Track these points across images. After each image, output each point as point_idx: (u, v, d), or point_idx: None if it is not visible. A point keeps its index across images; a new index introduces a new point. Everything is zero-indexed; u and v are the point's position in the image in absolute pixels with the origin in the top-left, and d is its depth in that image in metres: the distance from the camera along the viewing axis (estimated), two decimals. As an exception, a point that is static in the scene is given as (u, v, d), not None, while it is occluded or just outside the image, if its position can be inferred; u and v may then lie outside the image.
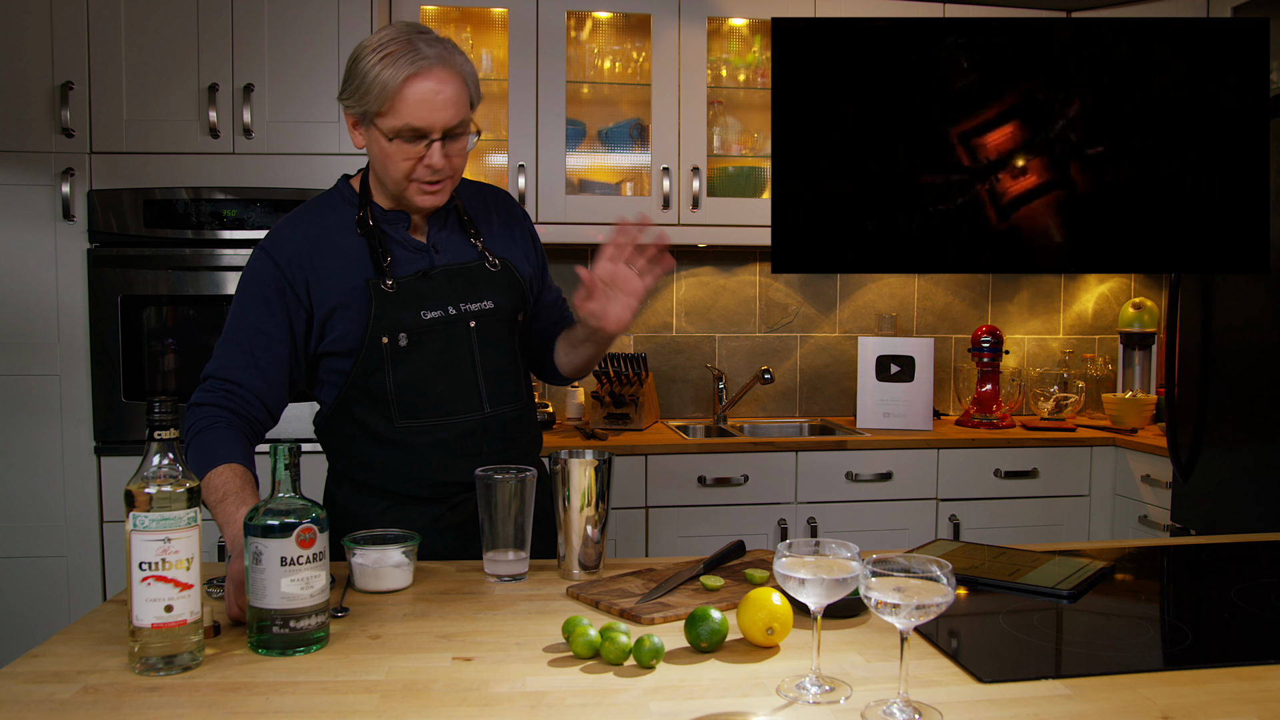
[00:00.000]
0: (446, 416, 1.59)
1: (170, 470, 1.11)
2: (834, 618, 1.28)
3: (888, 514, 3.04)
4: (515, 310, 1.65)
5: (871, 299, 3.63)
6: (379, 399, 1.57)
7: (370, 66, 1.45)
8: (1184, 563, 1.64)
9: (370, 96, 1.45)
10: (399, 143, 1.48)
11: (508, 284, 1.64)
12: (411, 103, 1.44)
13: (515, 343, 1.67)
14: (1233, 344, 2.61)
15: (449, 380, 1.58)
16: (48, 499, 2.73)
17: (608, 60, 3.28)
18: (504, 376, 1.64)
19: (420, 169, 1.50)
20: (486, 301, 1.61)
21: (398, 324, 1.54)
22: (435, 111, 1.45)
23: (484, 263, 1.63)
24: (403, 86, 1.44)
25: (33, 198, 2.69)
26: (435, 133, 1.47)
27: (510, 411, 1.65)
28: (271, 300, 1.53)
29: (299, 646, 1.16)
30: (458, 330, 1.58)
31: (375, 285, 1.54)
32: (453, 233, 1.64)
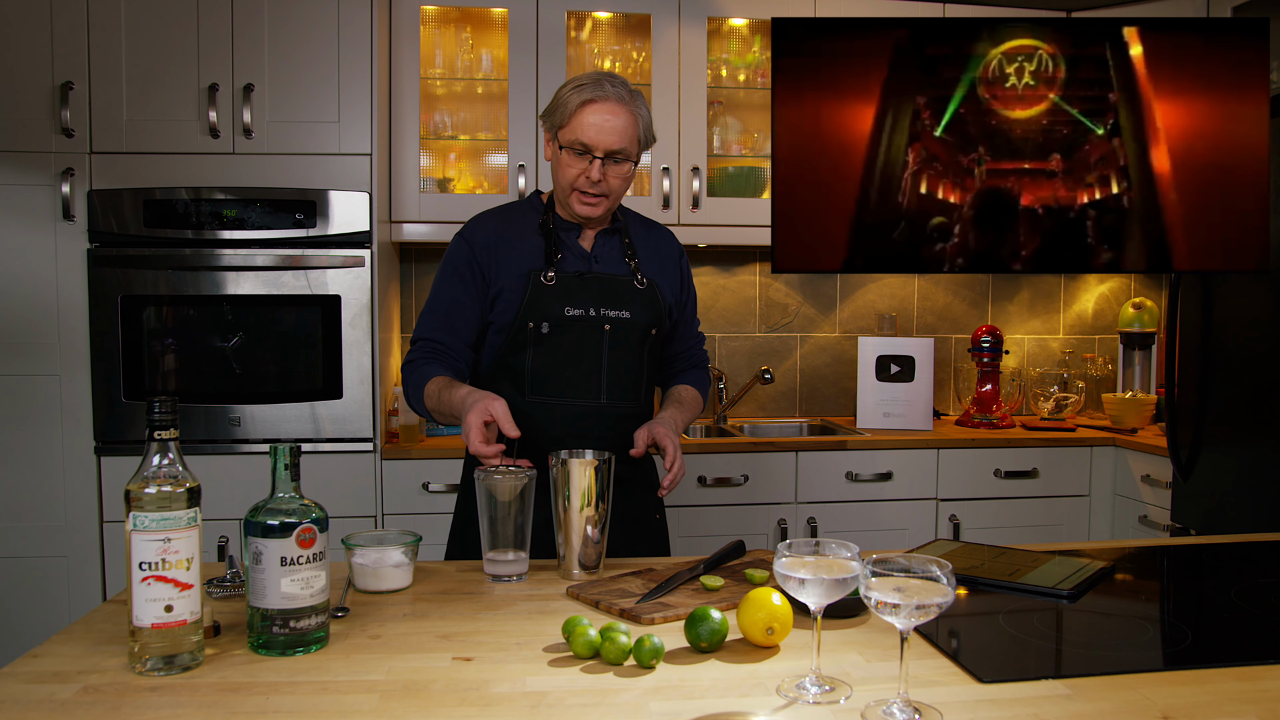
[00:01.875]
0: (567, 399, 1.80)
1: (170, 470, 1.11)
2: (834, 618, 1.28)
3: (888, 514, 3.04)
4: (650, 325, 1.86)
5: (871, 299, 3.63)
6: (517, 373, 1.81)
7: (565, 91, 1.77)
8: (1184, 563, 1.64)
9: (558, 113, 1.77)
10: (569, 153, 1.77)
11: (649, 301, 1.86)
12: (585, 123, 1.74)
13: (645, 352, 1.87)
14: (1233, 344, 2.61)
15: (575, 369, 1.80)
16: (48, 499, 2.73)
17: (608, 60, 3.27)
18: (626, 377, 1.84)
19: (581, 180, 1.77)
20: (625, 311, 1.83)
21: (544, 313, 1.78)
22: (601, 134, 1.74)
23: (633, 280, 1.86)
24: (580, 108, 1.74)
25: (33, 198, 2.69)
26: (598, 151, 1.75)
27: (626, 407, 1.85)
28: (464, 275, 1.83)
29: (299, 646, 1.16)
30: (593, 329, 1.81)
31: (535, 277, 1.79)
32: (613, 250, 1.89)
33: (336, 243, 2.78)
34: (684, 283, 1.98)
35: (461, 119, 3.25)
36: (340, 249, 2.78)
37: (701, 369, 2.06)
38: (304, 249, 2.77)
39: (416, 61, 3.02)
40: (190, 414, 2.75)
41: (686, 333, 2.02)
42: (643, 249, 1.92)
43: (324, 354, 2.79)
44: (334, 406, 2.80)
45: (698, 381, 2.02)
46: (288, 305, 2.78)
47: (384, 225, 2.93)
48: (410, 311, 3.38)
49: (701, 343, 2.08)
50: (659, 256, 1.93)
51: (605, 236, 1.88)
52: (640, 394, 1.88)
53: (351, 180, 2.80)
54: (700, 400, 1.99)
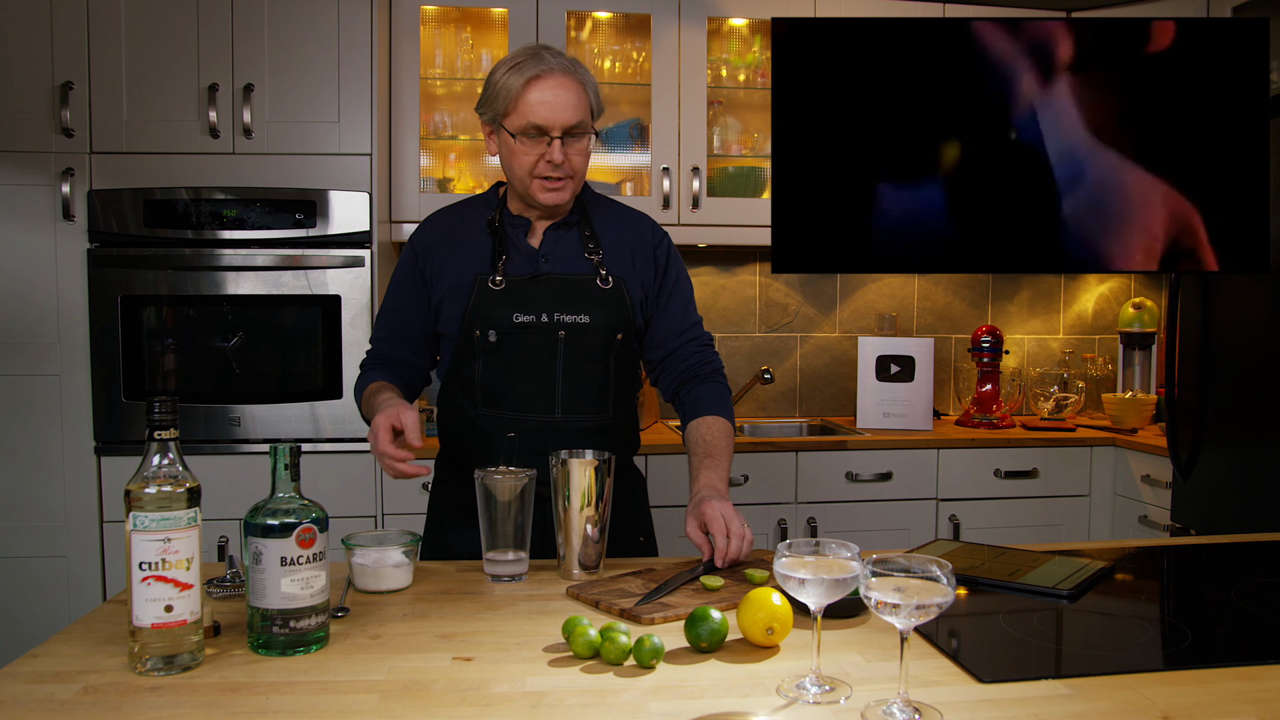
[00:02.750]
0: (520, 413, 1.69)
1: (170, 470, 1.11)
2: (834, 618, 1.28)
3: (888, 514, 3.04)
4: (614, 329, 1.71)
5: (871, 299, 3.63)
6: (468, 384, 1.72)
7: (500, 76, 1.64)
8: (1184, 563, 1.64)
9: (499, 100, 1.63)
10: (523, 140, 1.63)
11: (614, 303, 1.70)
12: (533, 102, 1.60)
13: (610, 360, 1.72)
14: (1233, 344, 2.61)
15: (528, 380, 1.68)
16: (48, 499, 2.73)
17: (608, 60, 3.27)
18: (587, 388, 1.71)
19: (542, 165, 1.63)
20: (583, 315, 1.68)
21: (489, 320, 1.67)
22: (555, 111, 1.60)
23: (595, 279, 1.70)
24: (525, 88, 1.60)
25: (33, 198, 2.69)
26: (555, 130, 1.61)
27: (587, 421, 1.71)
28: (405, 283, 1.75)
29: (299, 646, 1.16)
30: (546, 337, 1.68)
31: (482, 281, 1.68)
32: (569, 245, 1.73)
33: (336, 243, 2.78)
34: (662, 271, 1.77)
35: (461, 119, 3.25)
36: (340, 249, 2.78)
37: (716, 381, 1.78)
38: (304, 249, 2.77)
39: (416, 61, 3.02)
40: (190, 414, 2.75)
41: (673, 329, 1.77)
42: (610, 241, 1.74)
43: (324, 354, 2.80)
44: (334, 406, 2.80)
45: (715, 403, 1.74)
46: (288, 305, 2.78)
47: (384, 225, 2.93)
48: (410, 311, 3.38)
49: (704, 340, 1.82)
50: (629, 248, 1.75)
51: (557, 231, 1.72)
52: (607, 406, 1.73)
53: (351, 180, 2.80)
54: (729, 428, 1.72)
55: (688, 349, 1.79)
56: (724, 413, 1.75)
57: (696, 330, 1.81)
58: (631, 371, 1.79)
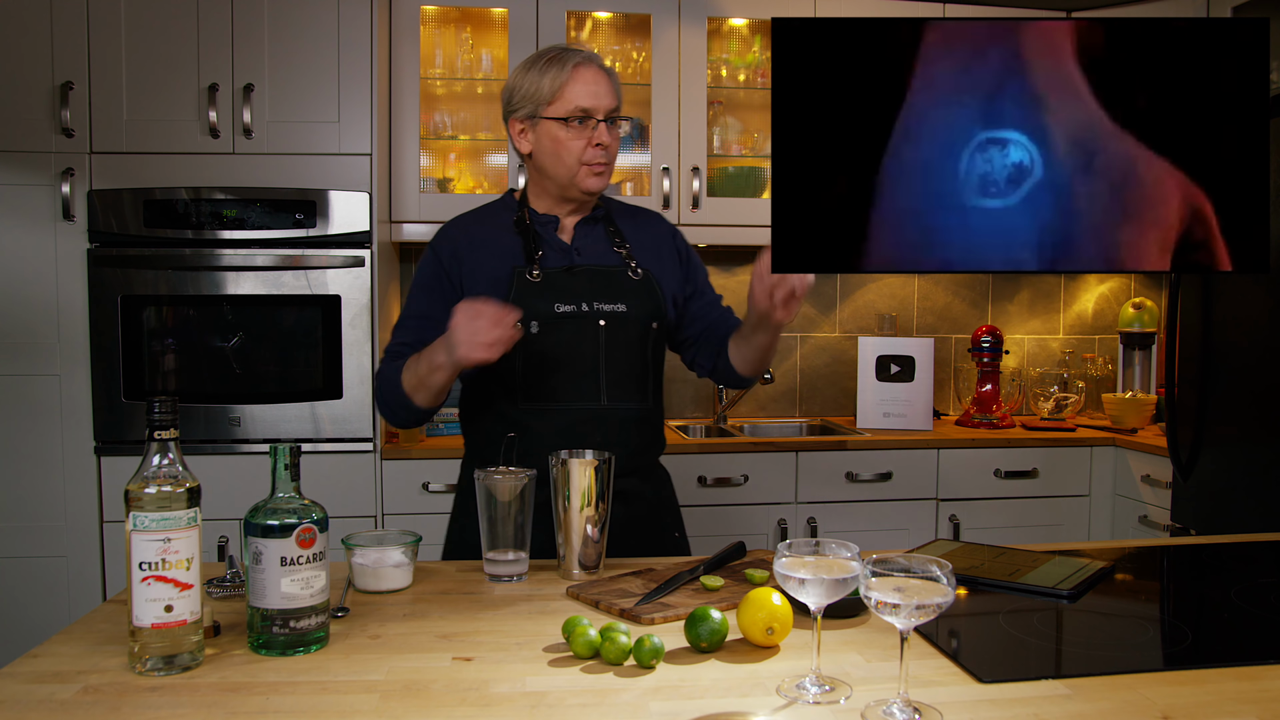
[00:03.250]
0: (565, 403, 1.70)
1: (170, 470, 1.11)
2: (834, 618, 1.28)
3: (888, 514, 3.04)
4: (649, 318, 1.76)
5: (871, 299, 3.64)
6: (507, 379, 1.70)
7: (531, 75, 1.68)
8: (1184, 563, 1.64)
9: (542, 94, 1.67)
10: (572, 125, 1.67)
11: (646, 292, 1.76)
12: (578, 89, 1.67)
13: (648, 348, 1.77)
14: (1233, 344, 2.61)
15: (572, 370, 1.70)
16: (48, 499, 2.73)
17: (608, 60, 3.27)
18: (628, 376, 1.74)
19: (590, 151, 1.68)
20: (620, 305, 1.73)
21: (531, 311, 1.67)
22: (599, 95, 1.68)
23: (626, 270, 1.76)
24: (571, 76, 1.67)
25: (33, 198, 2.69)
26: (600, 113, 1.68)
27: (630, 410, 1.74)
28: (432, 288, 1.75)
29: (299, 646, 1.16)
30: (587, 326, 1.71)
31: (521, 274, 1.70)
32: (598, 240, 1.78)
33: (336, 243, 2.78)
34: (685, 260, 1.86)
35: (461, 119, 3.25)
36: (340, 249, 2.78)
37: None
38: (304, 249, 2.77)
39: (416, 61, 3.02)
40: (190, 414, 2.75)
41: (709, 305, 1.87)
42: (633, 238, 1.81)
43: (324, 354, 2.80)
44: (334, 406, 2.80)
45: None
46: (288, 305, 2.78)
47: (384, 225, 2.93)
48: (410, 311, 3.38)
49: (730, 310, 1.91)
50: (652, 242, 1.82)
51: (586, 226, 1.78)
52: (647, 393, 1.77)
53: (351, 180, 2.80)
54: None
55: (724, 316, 1.88)
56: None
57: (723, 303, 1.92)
58: (660, 365, 1.83)
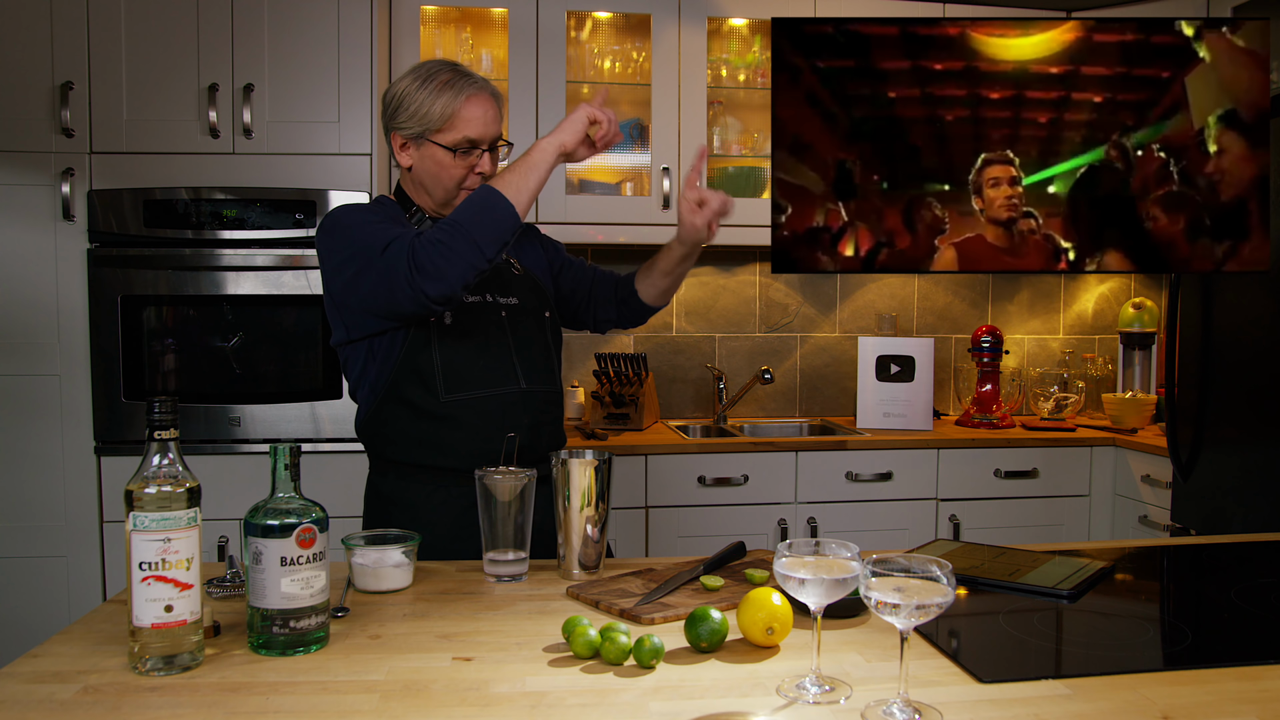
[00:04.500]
0: (488, 389, 1.73)
1: (170, 470, 1.11)
2: (834, 618, 1.28)
3: (888, 514, 3.04)
4: (542, 307, 1.86)
5: (871, 299, 3.63)
6: (427, 374, 1.71)
7: (427, 94, 1.70)
8: (1184, 563, 1.64)
9: (432, 117, 1.70)
10: (458, 155, 1.72)
11: (530, 287, 1.86)
12: (470, 119, 1.70)
13: (547, 333, 1.86)
14: (1233, 344, 2.61)
15: (488, 357, 1.75)
16: (48, 499, 2.73)
17: (608, 60, 3.27)
18: (536, 360, 1.82)
19: (472, 177, 1.74)
20: (513, 298, 1.82)
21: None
22: (488, 125, 1.73)
23: (510, 267, 1.86)
24: (462, 106, 1.70)
25: (33, 198, 2.69)
26: (485, 143, 1.73)
27: (544, 391, 1.82)
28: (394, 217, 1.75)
29: (299, 646, 1.16)
30: (492, 315, 1.77)
31: None
32: None
33: (336, 243, 2.78)
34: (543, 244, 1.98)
35: (461, 119, 3.25)
36: (340, 249, 2.78)
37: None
38: (304, 249, 2.77)
39: (416, 62, 3.02)
40: (190, 414, 2.75)
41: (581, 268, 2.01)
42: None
43: (324, 354, 2.79)
44: (334, 406, 2.80)
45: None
46: (288, 305, 2.78)
47: (384, 225, 2.93)
48: (410, 311, 3.38)
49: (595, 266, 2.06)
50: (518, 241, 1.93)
51: None
52: (555, 376, 1.86)
53: (351, 180, 2.80)
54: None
55: (594, 270, 2.03)
56: None
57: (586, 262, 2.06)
58: (560, 348, 1.93)
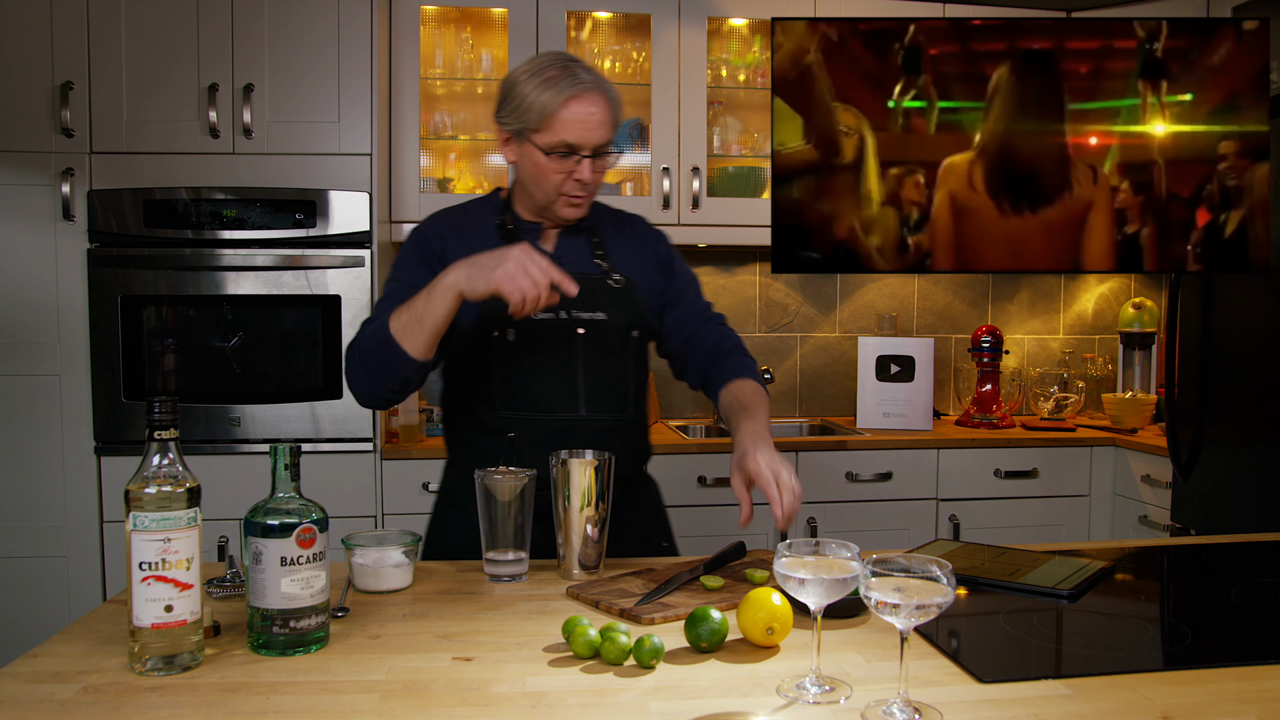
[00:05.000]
0: (544, 413, 1.65)
1: (170, 470, 1.11)
2: (834, 618, 1.28)
3: (888, 514, 3.04)
4: (629, 326, 1.71)
5: (871, 299, 3.63)
6: (485, 388, 1.67)
7: (530, 89, 1.57)
8: (1184, 563, 1.64)
9: (530, 115, 1.58)
10: (554, 158, 1.59)
11: (626, 300, 1.71)
12: (568, 121, 1.57)
13: (629, 358, 1.72)
14: (1233, 344, 2.61)
15: (550, 379, 1.66)
16: (48, 499, 2.73)
17: (608, 60, 3.27)
18: (608, 385, 1.70)
19: (570, 183, 1.62)
20: (599, 313, 1.68)
21: (508, 320, 1.59)
22: (589, 131, 1.58)
23: (606, 279, 1.70)
24: (561, 107, 1.56)
25: (33, 198, 2.69)
26: (586, 150, 1.59)
27: (610, 419, 1.70)
28: (419, 264, 1.66)
29: (299, 646, 1.16)
30: (564, 334, 1.66)
31: None
32: (580, 249, 1.72)
33: (336, 243, 2.78)
34: (667, 266, 1.80)
35: (461, 119, 3.25)
36: (340, 249, 2.78)
37: (740, 355, 1.80)
38: (304, 249, 2.77)
39: (416, 61, 3.02)
40: (190, 414, 2.75)
41: (689, 314, 1.80)
42: (614, 246, 1.75)
43: (324, 354, 2.80)
44: (334, 406, 2.80)
45: (743, 370, 1.75)
46: (288, 305, 2.78)
47: (384, 225, 2.93)
48: (410, 311, 3.38)
49: (720, 320, 1.85)
50: (635, 250, 1.77)
51: (569, 236, 1.73)
52: (628, 405, 1.73)
53: (351, 180, 2.80)
54: (760, 389, 1.72)
55: (706, 329, 1.82)
56: (754, 377, 1.75)
57: (710, 313, 1.85)
58: (644, 373, 1.78)
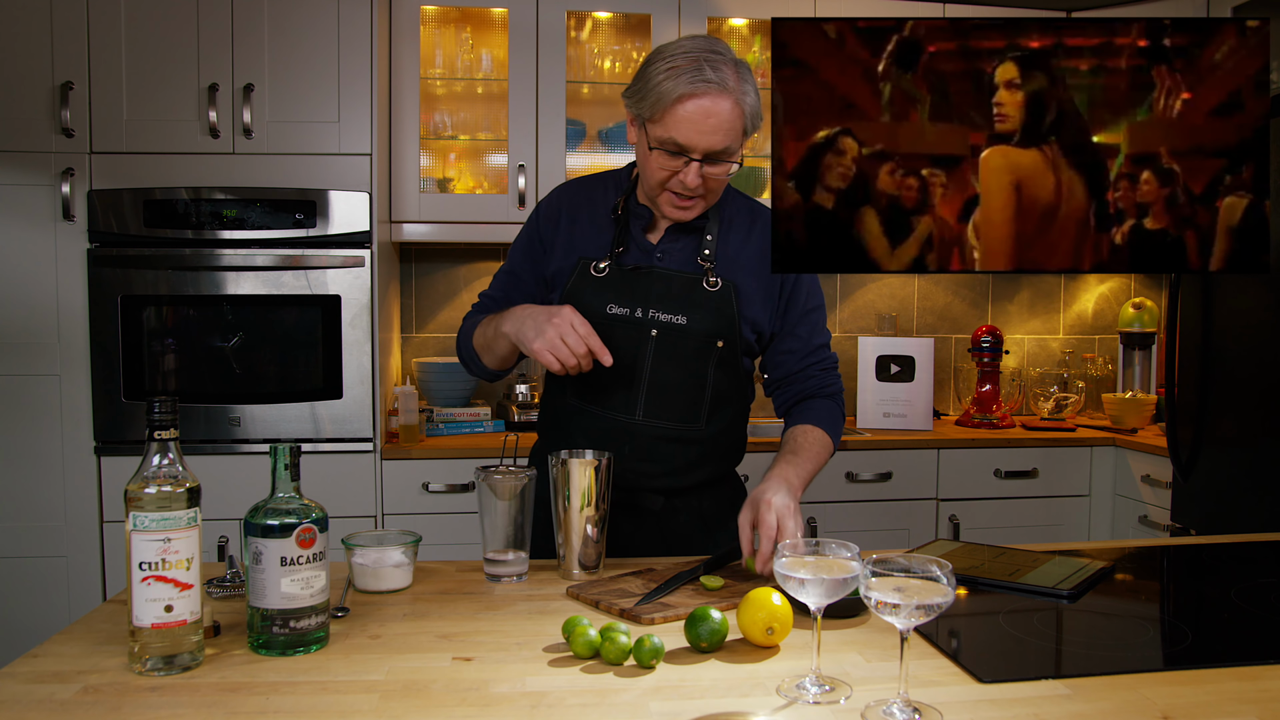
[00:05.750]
0: (602, 410, 1.64)
1: (170, 470, 1.11)
2: (834, 618, 1.28)
3: (888, 514, 3.04)
4: (714, 335, 1.62)
5: (871, 299, 3.63)
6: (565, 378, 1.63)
7: (656, 74, 1.49)
8: (1184, 563, 1.64)
9: (647, 103, 1.50)
10: (660, 153, 1.52)
11: (718, 306, 1.61)
12: (680, 119, 1.48)
13: (709, 367, 1.63)
14: (1233, 344, 2.61)
15: (613, 375, 1.60)
16: (48, 499, 2.73)
17: (608, 60, 3.27)
18: (674, 392, 1.63)
19: (674, 181, 1.54)
20: (681, 316, 1.60)
21: (582, 307, 1.55)
22: (701, 134, 1.48)
23: (702, 279, 1.61)
24: (676, 103, 1.47)
25: (33, 198, 2.69)
26: (696, 153, 1.50)
27: (669, 429, 1.64)
28: (526, 248, 1.72)
29: (299, 646, 1.16)
30: (637, 333, 1.61)
31: (584, 266, 1.64)
32: (688, 243, 1.64)
33: (336, 243, 2.78)
34: (785, 290, 1.67)
35: (461, 119, 3.25)
36: (340, 249, 2.78)
37: (829, 398, 1.68)
38: (304, 249, 2.77)
39: (416, 61, 3.02)
40: (190, 414, 2.75)
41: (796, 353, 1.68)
42: (732, 246, 1.64)
43: (324, 354, 2.79)
44: (334, 406, 2.80)
45: (822, 417, 1.64)
46: (288, 305, 2.78)
47: (384, 225, 2.93)
48: (410, 311, 3.38)
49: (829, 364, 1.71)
50: (755, 257, 1.65)
51: (679, 230, 1.64)
52: (698, 417, 1.64)
53: (351, 180, 2.80)
54: (824, 439, 1.61)
55: (809, 372, 1.70)
56: (828, 428, 1.63)
57: (822, 353, 1.72)
58: (738, 383, 1.69)
